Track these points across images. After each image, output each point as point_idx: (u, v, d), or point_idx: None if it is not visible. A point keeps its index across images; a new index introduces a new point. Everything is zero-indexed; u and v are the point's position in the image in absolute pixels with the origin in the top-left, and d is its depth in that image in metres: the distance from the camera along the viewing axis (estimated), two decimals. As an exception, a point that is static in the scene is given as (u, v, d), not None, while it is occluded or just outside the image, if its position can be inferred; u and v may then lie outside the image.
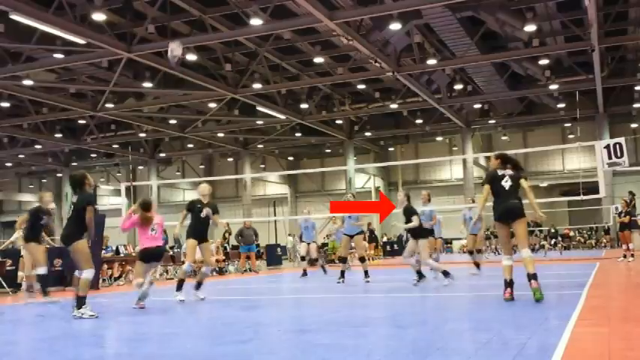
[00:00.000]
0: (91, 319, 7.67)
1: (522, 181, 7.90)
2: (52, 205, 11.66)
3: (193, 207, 10.08)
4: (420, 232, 11.09)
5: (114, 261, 16.22)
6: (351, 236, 12.88)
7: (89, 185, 8.47)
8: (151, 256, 8.97)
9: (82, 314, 7.82)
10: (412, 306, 8.47)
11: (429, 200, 13.13)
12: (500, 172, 7.88)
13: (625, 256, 17.46)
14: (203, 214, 9.91)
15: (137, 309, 8.76)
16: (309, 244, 16.35)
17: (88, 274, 7.96)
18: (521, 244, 7.79)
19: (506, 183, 7.79)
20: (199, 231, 10.08)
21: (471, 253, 14.31)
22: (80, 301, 7.91)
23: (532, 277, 7.56)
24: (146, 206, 8.98)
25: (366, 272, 12.76)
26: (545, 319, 6.29)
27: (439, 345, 5.10)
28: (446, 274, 11.02)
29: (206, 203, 10.05)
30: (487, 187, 7.89)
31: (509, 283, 7.84)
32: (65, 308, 10.00)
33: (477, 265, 13.84)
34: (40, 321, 8.55)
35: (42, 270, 11.20)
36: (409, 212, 11.23)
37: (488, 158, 37.53)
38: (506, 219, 7.78)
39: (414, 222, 11.05)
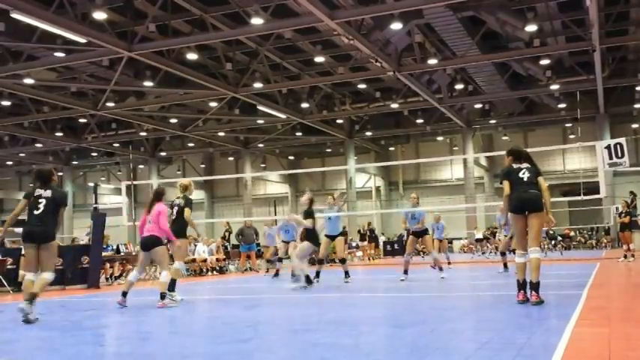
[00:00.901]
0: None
1: (540, 179, 7.54)
2: None
3: (172, 204, 10.19)
4: (311, 235, 11.39)
5: (114, 260, 16.22)
6: (333, 237, 12.96)
7: (55, 181, 8.10)
8: (143, 245, 9.24)
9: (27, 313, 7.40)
10: (411, 306, 8.47)
11: (418, 202, 13.26)
12: (515, 166, 7.62)
13: (625, 257, 17.46)
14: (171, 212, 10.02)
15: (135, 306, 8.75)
16: (288, 243, 16.23)
17: (51, 275, 7.71)
18: (532, 240, 7.38)
19: (524, 175, 7.48)
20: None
21: (503, 254, 14.51)
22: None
23: (534, 287, 7.24)
24: (156, 195, 9.57)
25: (346, 273, 12.86)
26: (545, 319, 6.29)
27: (438, 345, 5.10)
28: (308, 279, 11.28)
29: (180, 197, 10.21)
30: (506, 182, 7.56)
31: (522, 285, 7.44)
32: (65, 306, 10.02)
33: (505, 265, 14.04)
34: (40, 319, 8.55)
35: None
36: (306, 214, 11.64)
37: (489, 158, 37.60)
38: (523, 209, 7.38)
39: (307, 223, 11.45)
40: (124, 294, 8.94)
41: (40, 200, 7.61)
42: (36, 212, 7.56)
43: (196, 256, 18.97)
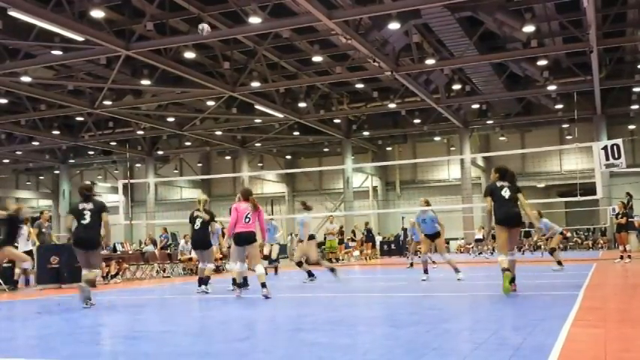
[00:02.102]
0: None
1: (520, 195, 8.89)
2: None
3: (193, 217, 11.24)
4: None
5: (111, 259, 16.19)
6: (302, 240, 13.23)
7: (94, 194, 9.64)
8: (241, 239, 9.61)
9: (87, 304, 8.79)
10: (408, 305, 8.47)
11: (427, 205, 13.30)
12: (498, 184, 8.91)
13: (622, 258, 17.48)
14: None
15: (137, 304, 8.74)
16: (271, 245, 16.31)
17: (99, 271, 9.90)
18: (510, 246, 8.93)
19: (506, 193, 8.79)
20: None
21: (551, 252, 15.27)
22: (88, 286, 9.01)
23: (512, 279, 8.68)
24: (245, 194, 9.90)
25: (309, 273, 12.98)
26: (541, 320, 6.29)
27: (435, 345, 5.10)
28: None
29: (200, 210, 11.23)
30: (488, 199, 8.91)
31: (514, 278, 8.75)
32: (62, 305, 10.00)
33: (560, 262, 14.33)
34: (36, 318, 8.54)
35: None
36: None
37: (486, 159, 37.65)
38: (507, 224, 8.77)
39: None
40: (239, 285, 9.86)
41: (84, 213, 9.01)
42: (83, 222, 8.99)
43: (192, 255, 18.93)
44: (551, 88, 26.53)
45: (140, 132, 34.52)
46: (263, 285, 9.38)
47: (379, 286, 12.84)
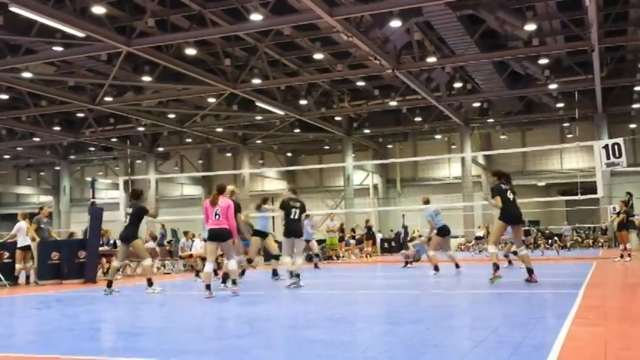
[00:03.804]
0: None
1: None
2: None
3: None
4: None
5: (111, 255, 16.19)
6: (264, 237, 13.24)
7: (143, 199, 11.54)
8: (214, 236, 9.66)
9: (154, 290, 10.55)
10: (408, 303, 8.48)
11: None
12: (504, 187, 10.16)
13: (622, 256, 17.48)
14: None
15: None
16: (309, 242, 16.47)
17: (148, 261, 11.14)
18: (519, 243, 10.47)
19: (510, 195, 10.10)
20: None
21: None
22: (149, 282, 10.74)
23: (530, 271, 10.04)
24: (219, 189, 9.91)
25: (242, 272, 12.85)
26: (541, 318, 6.30)
27: (434, 342, 5.11)
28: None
29: None
30: (499, 198, 10.05)
31: (498, 267, 10.38)
32: (62, 301, 10.02)
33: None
34: (36, 314, 8.55)
35: None
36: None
37: (486, 157, 37.64)
38: (515, 223, 10.22)
39: None
40: (208, 287, 9.50)
41: (127, 214, 11.07)
42: (125, 223, 11.01)
43: (193, 251, 18.94)
44: (553, 86, 26.48)
45: (141, 128, 34.48)
46: (234, 282, 9.86)
47: (379, 284, 12.84)
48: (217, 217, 9.56)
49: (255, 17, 18.17)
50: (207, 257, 9.85)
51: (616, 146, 10.61)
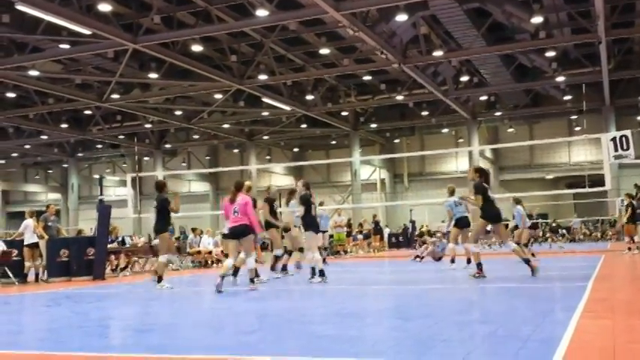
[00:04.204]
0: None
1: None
2: None
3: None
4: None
5: (120, 252, 16.27)
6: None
7: (166, 190, 11.10)
8: (234, 234, 9.64)
9: (162, 287, 10.35)
10: (416, 298, 8.47)
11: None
12: (486, 185, 10.39)
13: (630, 249, 17.43)
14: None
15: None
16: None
17: (163, 258, 10.77)
18: (506, 238, 10.68)
19: (491, 194, 10.43)
20: None
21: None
22: (159, 279, 10.55)
23: (527, 261, 10.15)
24: (236, 186, 9.82)
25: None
26: (550, 311, 6.29)
27: (443, 337, 5.10)
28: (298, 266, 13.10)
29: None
30: (480, 197, 10.26)
31: (481, 264, 10.42)
32: (71, 298, 10.07)
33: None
34: (45, 311, 8.60)
35: None
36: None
37: (494, 150, 37.54)
38: (494, 221, 10.48)
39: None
40: (222, 277, 9.46)
41: (154, 208, 10.97)
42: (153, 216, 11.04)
43: (201, 247, 19.00)
44: (560, 79, 26.39)
45: (148, 125, 34.59)
46: (252, 280, 9.75)
47: (387, 279, 12.84)
48: (236, 214, 9.54)
49: (261, 13, 18.18)
50: (230, 254, 9.98)
51: (624, 138, 10.54)
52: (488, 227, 11.21)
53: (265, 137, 38.66)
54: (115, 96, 27.01)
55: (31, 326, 7.07)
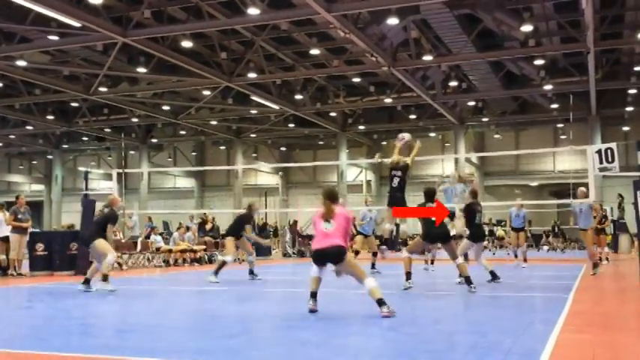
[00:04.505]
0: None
1: None
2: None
3: None
4: None
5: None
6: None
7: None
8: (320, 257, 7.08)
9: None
10: (401, 304, 8.49)
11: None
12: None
13: (600, 260, 17.77)
14: None
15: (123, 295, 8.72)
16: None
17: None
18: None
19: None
20: None
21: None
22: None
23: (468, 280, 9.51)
24: (331, 196, 7.21)
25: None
26: (530, 324, 6.34)
27: (426, 347, 5.13)
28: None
29: None
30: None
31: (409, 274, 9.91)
32: (52, 293, 10.00)
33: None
34: (27, 307, 8.54)
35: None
36: None
37: (480, 156, 37.73)
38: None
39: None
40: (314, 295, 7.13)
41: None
42: None
43: (172, 246, 18.77)
44: (547, 87, 26.56)
45: (135, 119, 34.38)
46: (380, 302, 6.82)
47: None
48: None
49: (253, 11, 18.13)
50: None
51: (609, 151, 10.66)
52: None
53: (253, 135, 38.59)
54: (103, 89, 26.82)
55: (13, 323, 6.99)
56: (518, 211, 16.65)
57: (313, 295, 7.03)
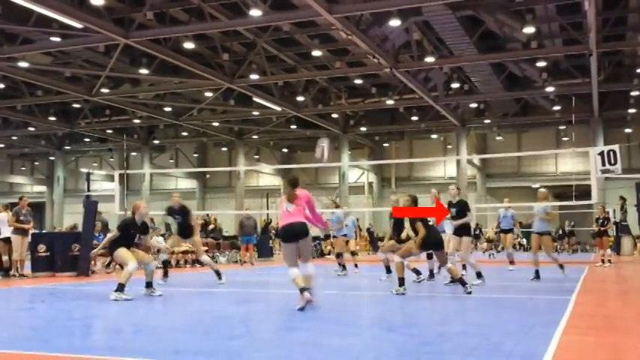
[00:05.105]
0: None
1: None
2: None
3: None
4: None
5: (105, 248, 16.12)
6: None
7: None
8: (288, 235, 7.90)
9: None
10: (402, 306, 8.48)
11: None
12: None
13: (603, 262, 17.78)
14: None
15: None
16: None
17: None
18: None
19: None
20: None
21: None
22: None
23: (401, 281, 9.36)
24: (293, 182, 8.28)
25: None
26: (533, 326, 6.32)
27: (427, 349, 5.12)
28: None
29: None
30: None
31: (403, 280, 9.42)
32: (55, 294, 9.99)
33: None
34: (29, 308, 8.54)
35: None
36: None
37: (482, 158, 37.70)
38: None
39: None
40: (302, 290, 7.55)
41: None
42: None
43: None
44: (550, 89, 26.53)
45: (137, 121, 34.40)
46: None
47: (373, 285, 12.83)
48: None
49: (255, 12, 18.15)
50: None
51: (611, 153, 10.64)
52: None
53: (255, 137, 38.59)
54: (105, 90, 26.86)
55: (15, 324, 6.99)
56: (506, 212, 16.55)
57: (302, 290, 7.51)
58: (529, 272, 12.24)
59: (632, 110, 31.04)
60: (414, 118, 33.53)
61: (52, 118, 33.36)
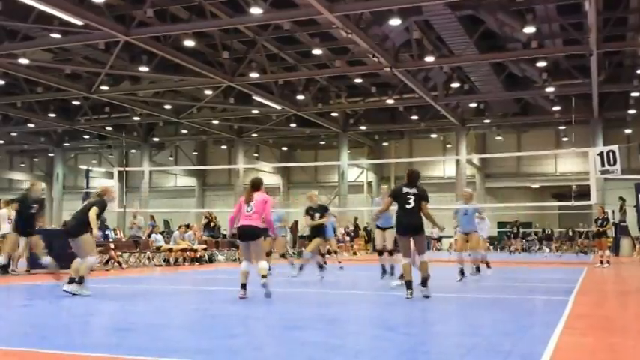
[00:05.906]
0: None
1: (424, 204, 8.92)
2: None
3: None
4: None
5: (104, 245, 16.17)
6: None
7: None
8: (242, 235, 8.61)
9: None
10: (400, 305, 8.49)
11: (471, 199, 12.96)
12: (404, 190, 8.83)
13: (601, 262, 17.81)
14: None
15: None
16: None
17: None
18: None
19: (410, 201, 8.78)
20: None
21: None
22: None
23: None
24: (253, 184, 8.80)
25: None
26: (531, 326, 6.33)
27: (426, 349, 5.13)
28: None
29: None
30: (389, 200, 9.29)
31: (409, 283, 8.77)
32: (53, 292, 9.99)
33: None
34: (28, 305, 8.54)
35: None
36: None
37: (481, 158, 37.71)
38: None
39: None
40: (243, 286, 8.54)
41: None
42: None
43: (172, 245, 18.74)
44: (550, 89, 26.53)
45: (136, 118, 34.40)
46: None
47: (372, 284, 12.84)
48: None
49: (255, 11, 18.14)
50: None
51: (611, 154, 10.64)
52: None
53: (254, 135, 38.58)
54: (105, 87, 26.85)
55: (13, 321, 6.99)
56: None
57: (243, 286, 8.49)
58: (542, 272, 12.24)
59: (631, 111, 31.04)
60: (414, 118, 33.52)
61: (52, 115, 33.34)
